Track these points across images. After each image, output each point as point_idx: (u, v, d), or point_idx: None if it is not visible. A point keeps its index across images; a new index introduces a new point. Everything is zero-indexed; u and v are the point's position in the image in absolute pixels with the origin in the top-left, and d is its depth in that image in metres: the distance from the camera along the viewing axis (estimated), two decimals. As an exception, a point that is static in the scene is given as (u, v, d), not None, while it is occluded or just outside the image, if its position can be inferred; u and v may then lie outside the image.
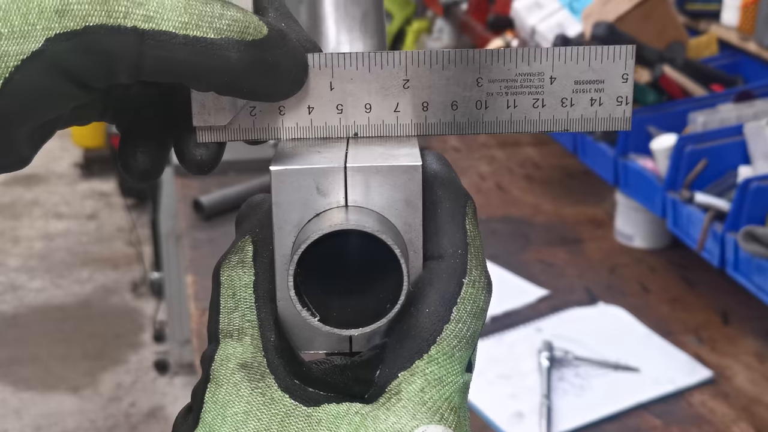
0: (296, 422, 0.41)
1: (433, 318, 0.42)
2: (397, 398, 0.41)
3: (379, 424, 0.40)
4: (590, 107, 0.45)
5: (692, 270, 1.72)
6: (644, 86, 1.72)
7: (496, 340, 1.50)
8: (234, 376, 0.43)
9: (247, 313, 0.43)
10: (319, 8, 0.52)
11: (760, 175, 1.43)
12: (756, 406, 1.36)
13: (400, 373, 0.41)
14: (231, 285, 0.44)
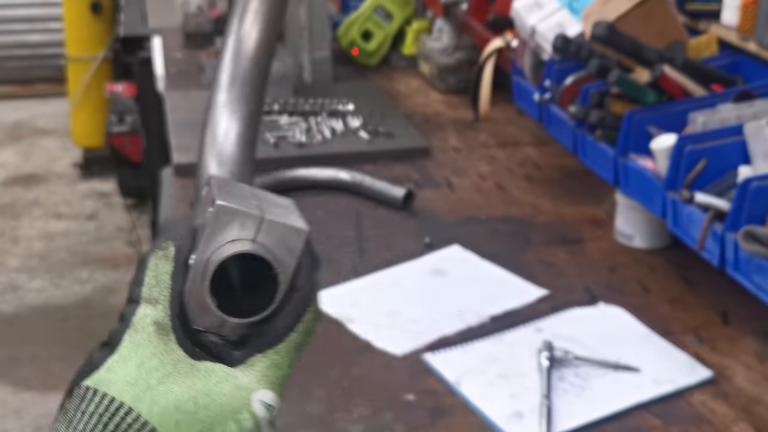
0: (183, 367, 0.62)
1: (286, 327, 0.67)
2: (251, 369, 0.65)
3: (236, 380, 0.63)
4: None
5: (692, 270, 1.72)
6: (644, 86, 1.72)
7: (496, 340, 1.50)
8: (148, 327, 0.63)
9: (163, 290, 0.64)
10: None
11: (760, 175, 1.43)
12: (756, 406, 1.36)
13: (256, 354, 0.65)
14: (155, 269, 0.65)
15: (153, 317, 0.63)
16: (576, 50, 1.75)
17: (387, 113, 2.53)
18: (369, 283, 1.69)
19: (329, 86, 2.79)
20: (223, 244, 0.64)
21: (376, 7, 3.07)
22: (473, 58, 2.79)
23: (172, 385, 0.62)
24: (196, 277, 0.64)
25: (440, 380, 1.41)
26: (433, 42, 2.91)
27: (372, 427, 1.31)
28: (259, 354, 0.66)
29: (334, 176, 2.11)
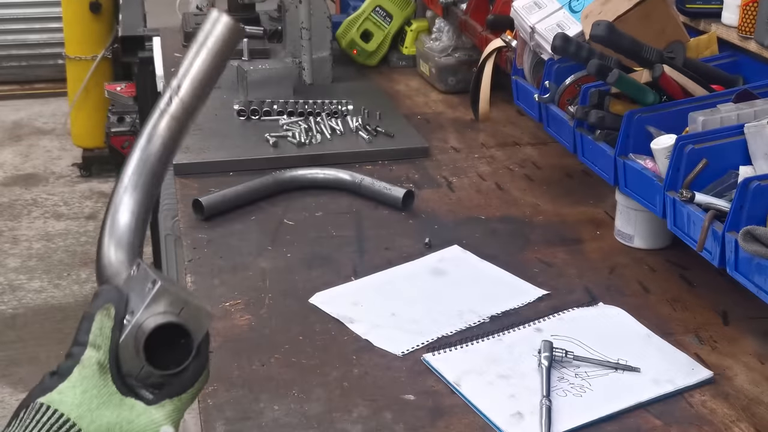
0: (115, 400, 0.83)
1: (190, 381, 0.87)
2: (162, 408, 0.85)
3: (151, 415, 0.84)
4: None
5: (692, 270, 1.72)
6: (644, 86, 1.71)
7: (495, 340, 1.50)
8: (93, 365, 0.84)
9: (105, 340, 0.85)
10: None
11: (760, 175, 1.43)
12: (756, 406, 1.36)
13: (168, 397, 0.86)
14: (100, 323, 0.85)
15: (97, 359, 0.85)
16: (576, 50, 1.75)
17: (387, 113, 2.53)
18: (369, 283, 1.69)
19: (329, 86, 2.79)
20: (156, 314, 0.86)
21: (376, 7, 3.07)
22: (473, 58, 2.79)
23: (106, 411, 0.84)
24: (131, 335, 0.86)
25: (440, 380, 1.41)
26: (433, 42, 2.91)
27: (372, 427, 1.31)
28: (168, 398, 0.87)
29: (334, 176, 2.11)
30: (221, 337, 1.52)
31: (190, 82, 1.03)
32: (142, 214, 0.97)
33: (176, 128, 1.02)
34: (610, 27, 1.67)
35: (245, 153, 2.26)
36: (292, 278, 1.71)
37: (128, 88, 4.26)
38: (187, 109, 1.03)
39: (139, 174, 0.98)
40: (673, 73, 1.73)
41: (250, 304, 1.62)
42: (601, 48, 1.74)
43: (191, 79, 1.03)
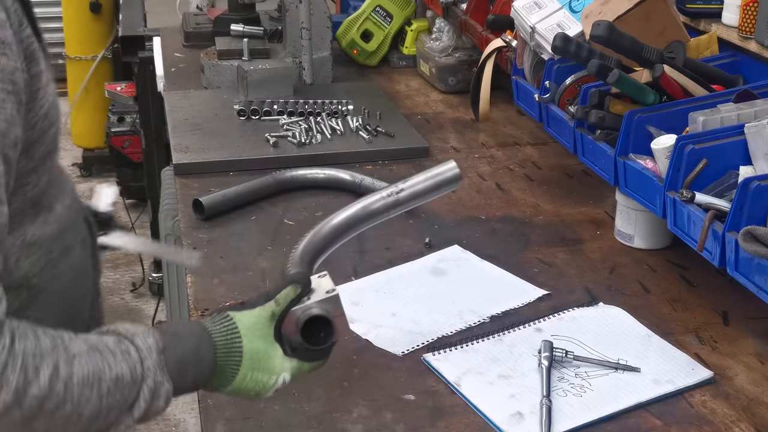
0: (268, 339, 1.15)
1: (315, 357, 1.19)
2: (290, 362, 1.16)
3: (282, 360, 1.15)
4: None
5: (692, 270, 1.72)
6: (644, 86, 1.71)
7: (496, 340, 1.50)
8: (269, 312, 1.16)
9: (285, 303, 1.16)
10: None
11: (760, 175, 1.43)
12: (757, 406, 1.36)
13: (297, 358, 1.17)
14: (288, 293, 1.17)
15: (273, 309, 1.16)
16: (576, 50, 1.75)
17: (387, 113, 2.53)
18: (369, 283, 1.69)
19: (329, 86, 2.79)
20: (322, 309, 1.17)
21: (376, 7, 3.07)
22: (473, 58, 2.79)
23: (260, 341, 1.14)
24: (300, 310, 1.16)
25: (440, 380, 1.41)
26: (433, 42, 2.91)
27: (372, 426, 1.31)
28: (297, 359, 1.17)
29: (335, 176, 2.11)
30: (221, 337, 1.52)
31: (409, 190, 1.39)
32: (328, 245, 1.34)
33: (380, 211, 1.37)
34: (610, 27, 1.67)
35: (245, 153, 2.26)
36: (293, 278, 1.70)
37: (128, 88, 4.25)
38: (396, 205, 1.38)
39: (343, 222, 1.35)
40: (674, 73, 1.73)
41: (250, 304, 1.61)
42: (601, 48, 1.74)
43: (411, 190, 1.39)
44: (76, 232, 1.19)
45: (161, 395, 1.05)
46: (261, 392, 1.15)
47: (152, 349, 1.05)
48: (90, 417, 0.99)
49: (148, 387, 1.03)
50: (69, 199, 1.18)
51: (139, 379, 1.03)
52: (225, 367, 1.11)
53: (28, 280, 1.09)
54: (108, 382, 1.00)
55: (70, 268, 1.16)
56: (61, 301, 1.15)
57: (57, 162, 1.14)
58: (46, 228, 1.11)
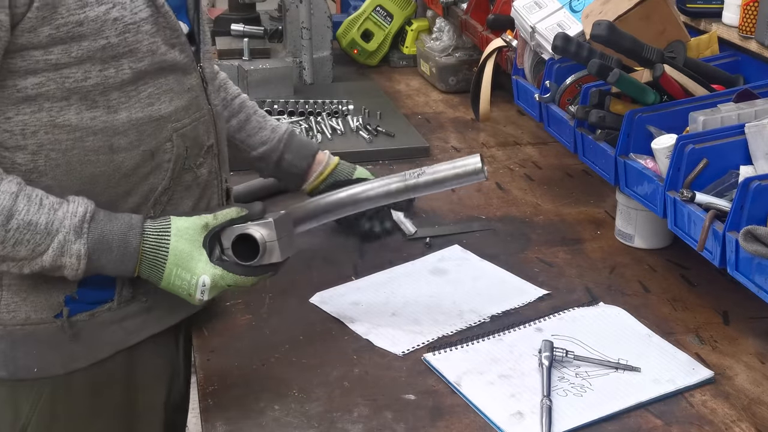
0: (195, 243, 1.33)
1: (237, 271, 1.35)
2: (213, 268, 1.33)
3: (205, 264, 1.33)
4: None
5: (693, 270, 1.72)
6: (644, 86, 1.71)
7: (496, 340, 1.50)
8: (203, 222, 1.34)
9: (223, 218, 1.36)
10: None
11: (761, 175, 1.43)
12: (757, 406, 1.36)
13: (221, 267, 1.34)
14: (231, 211, 1.37)
15: (208, 221, 1.33)
16: (576, 50, 1.75)
17: (387, 113, 2.53)
18: (369, 283, 1.69)
19: (330, 86, 2.79)
20: (256, 231, 1.33)
21: (377, 6, 3.07)
22: (473, 57, 2.79)
23: (187, 244, 1.31)
24: (238, 228, 1.34)
25: (441, 380, 1.41)
26: (434, 42, 2.91)
27: (372, 426, 1.31)
28: (221, 267, 1.32)
29: (335, 176, 2.10)
30: (221, 337, 1.52)
31: (429, 176, 1.43)
32: (341, 208, 1.51)
33: (399, 190, 1.46)
34: (610, 27, 1.67)
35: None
36: (293, 278, 1.71)
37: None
38: (415, 188, 1.46)
39: (361, 192, 1.48)
40: (674, 72, 1.73)
41: (250, 304, 1.62)
42: (601, 48, 1.74)
43: (431, 176, 1.43)
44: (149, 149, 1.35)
45: (72, 253, 1.26)
46: (189, 291, 1.32)
47: (77, 214, 1.27)
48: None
49: (58, 241, 1.25)
50: (148, 121, 1.33)
51: (54, 232, 1.25)
52: (154, 258, 1.31)
53: (46, 153, 1.28)
54: (19, 220, 1.23)
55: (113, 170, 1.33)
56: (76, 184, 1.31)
57: (146, 87, 1.32)
58: (92, 122, 1.28)
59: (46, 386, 1.39)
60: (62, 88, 1.24)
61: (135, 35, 1.27)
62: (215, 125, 1.47)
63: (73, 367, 1.39)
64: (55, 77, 1.23)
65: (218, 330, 1.54)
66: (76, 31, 1.21)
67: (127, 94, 1.29)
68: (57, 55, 1.22)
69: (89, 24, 1.22)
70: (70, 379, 1.39)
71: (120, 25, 1.25)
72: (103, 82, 1.26)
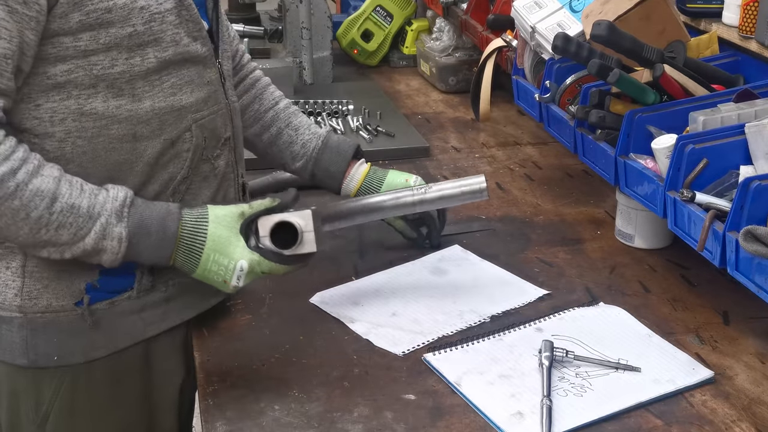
0: (233, 230, 1.36)
1: (274, 258, 1.37)
2: (250, 254, 1.36)
3: (242, 250, 1.36)
4: None
5: (693, 270, 1.72)
6: (644, 86, 1.71)
7: (496, 340, 1.50)
8: (240, 211, 1.37)
9: (259, 208, 1.38)
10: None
11: (761, 175, 1.43)
12: (757, 406, 1.36)
13: (258, 254, 1.37)
14: (265, 201, 1.39)
15: (244, 209, 1.36)
16: (576, 50, 1.75)
17: (387, 113, 2.53)
18: (369, 283, 1.69)
19: (330, 86, 2.79)
20: (293, 219, 1.36)
21: (377, 6, 3.07)
22: (473, 57, 2.79)
23: (225, 230, 1.34)
24: (275, 217, 1.36)
25: (441, 380, 1.41)
26: (434, 42, 2.91)
27: (372, 426, 1.31)
28: (258, 254, 1.35)
29: (335, 176, 2.11)
30: (221, 337, 1.52)
31: (435, 192, 1.56)
32: (352, 216, 1.63)
33: (407, 204, 1.61)
34: (610, 27, 1.67)
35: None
36: (293, 278, 1.70)
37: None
38: (422, 202, 1.60)
39: (374, 203, 1.63)
40: (674, 72, 1.73)
41: (250, 304, 1.62)
42: (601, 48, 1.74)
43: (437, 193, 1.57)
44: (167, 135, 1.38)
45: (113, 236, 1.29)
46: (224, 277, 1.34)
47: (117, 199, 1.30)
48: (38, 221, 1.24)
49: (100, 223, 1.28)
50: (169, 110, 1.36)
51: (96, 215, 1.28)
52: (191, 245, 1.33)
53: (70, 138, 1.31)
54: (62, 203, 1.25)
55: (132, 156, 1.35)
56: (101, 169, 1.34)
57: (170, 78, 1.36)
58: (117, 110, 1.31)
59: (66, 374, 1.41)
60: (90, 75, 1.28)
61: (160, 25, 1.31)
62: (232, 120, 1.51)
63: (92, 355, 1.41)
64: (83, 64, 1.27)
65: (218, 330, 1.54)
66: (104, 17, 1.25)
67: (151, 83, 1.33)
68: (86, 41, 1.26)
69: (117, 11, 1.26)
70: (90, 368, 1.42)
71: (146, 14, 1.29)
72: (129, 69, 1.30)
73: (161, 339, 1.48)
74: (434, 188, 1.56)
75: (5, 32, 1.20)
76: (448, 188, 1.57)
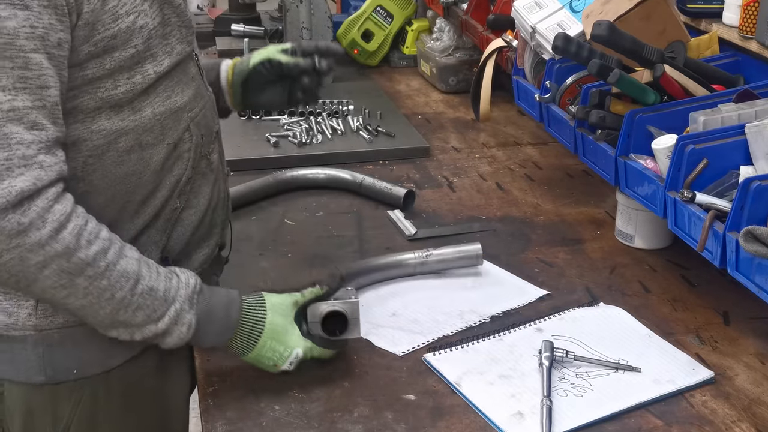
0: (288, 318, 1.40)
1: (324, 345, 1.43)
2: (304, 341, 1.40)
3: (297, 338, 1.40)
4: None
5: (693, 270, 1.72)
6: (645, 86, 1.71)
7: (496, 340, 1.50)
8: (294, 300, 1.41)
9: (310, 296, 1.42)
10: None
11: (761, 175, 1.43)
12: (757, 406, 1.36)
13: (311, 341, 1.41)
14: (314, 290, 1.43)
15: (297, 299, 1.41)
16: (576, 50, 1.74)
17: (387, 113, 2.53)
18: (370, 284, 1.69)
19: (330, 86, 2.79)
20: (343, 308, 1.41)
21: (377, 7, 3.07)
22: (474, 58, 2.79)
23: (281, 318, 1.38)
24: (325, 305, 1.42)
25: (441, 380, 1.41)
26: (434, 42, 2.91)
27: (373, 426, 1.31)
28: (310, 341, 1.40)
29: (335, 176, 2.11)
30: (222, 337, 1.52)
31: (436, 257, 1.71)
32: (362, 274, 1.68)
33: (410, 266, 1.71)
34: (611, 27, 1.67)
35: (246, 153, 2.26)
36: (293, 278, 1.71)
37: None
38: (423, 265, 1.70)
39: (381, 263, 1.71)
40: (674, 73, 1.73)
41: (250, 304, 1.61)
42: (602, 48, 1.74)
43: (438, 257, 1.71)
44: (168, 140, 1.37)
45: (184, 322, 1.30)
46: (277, 362, 1.38)
47: (189, 285, 1.32)
48: (120, 301, 1.25)
49: (175, 309, 1.29)
50: (168, 114, 1.36)
51: (171, 300, 1.29)
52: (249, 331, 1.36)
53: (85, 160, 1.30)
54: (144, 286, 1.27)
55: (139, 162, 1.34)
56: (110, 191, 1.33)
57: (167, 89, 1.35)
58: (122, 123, 1.30)
59: (86, 387, 1.39)
60: (95, 98, 1.27)
61: (155, 39, 1.30)
62: (215, 110, 1.52)
63: (110, 364, 1.40)
64: (88, 89, 1.26)
65: (218, 330, 1.54)
66: (110, 44, 1.25)
67: (147, 93, 1.33)
68: (92, 70, 1.25)
69: (121, 35, 1.26)
70: (107, 378, 1.40)
71: (145, 32, 1.29)
72: (132, 89, 1.29)
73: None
74: (435, 253, 1.70)
75: (51, 80, 1.19)
76: (447, 254, 1.71)
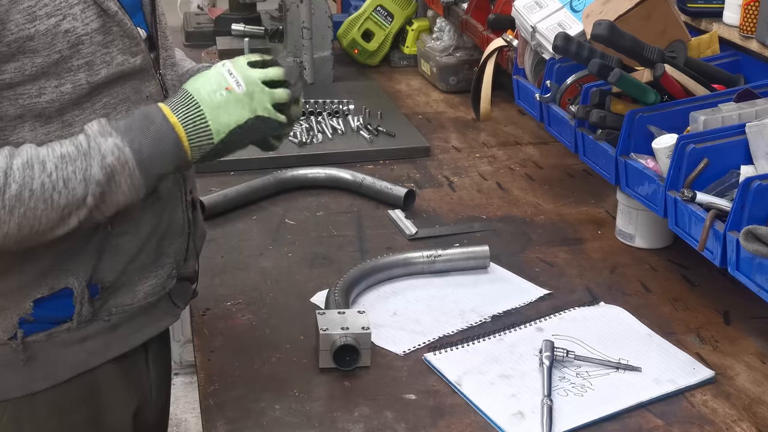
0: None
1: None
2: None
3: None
4: None
5: (694, 270, 1.72)
6: (645, 85, 1.71)
7: (497, 340, 1.50)
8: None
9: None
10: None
11: (761, 175, 1.43)
12: (758, 406, 1.36)
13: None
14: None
15: (226, 63, 1.34)
16: (577, 50, 1.74)
17: (388, 113, 2.53)
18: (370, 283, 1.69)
19: (330, 86, 2.79)
20: (352, 337, 1.42)
21: (377, 6, 3.07)
22: (474, 57, 2.79)
23: (203, 78, 1.28)
24: (336, 338, 1.43)
25: (441, 380, 1.41)
26: (434, 41, 2.91)
27: (373, 426, 1.31)
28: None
29: (336, 176, 2.11)
30: (222, 337, 1.52)
31: (444, 258, 1.71)
32: (369, 276, 1.68)
33: (419, 265, 1.72)
34: (611, 26, 1.67)
35: (246, 152, 2.24)
36: (294, 278, 1.71)
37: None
38: (432, 265, 1.71)
39: (388, 262, 1.71)
40: (675, 72, 1.73)
41: (251, 304, 1.62)
42: (602, 47, 1.74)
43: (446, 257, 1.71)
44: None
45: (109, 150, 1.18)
46: (232, 94, 1.27)
47: (93, 125, 1.19)
48: (43, 191, 1.15)
49: (93, 149, 1.17)
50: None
51: (85, 147, 1.17)
52: (186, 112, 1.23)
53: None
54: (54, 160, 1.15)
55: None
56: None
57: (101, 97, 1.25)
58: (47, 137, 1.21)
59: (6, 409, 1.32)
60: (15, 105, 1.18)
61: (89, 47, 1.21)
62: None
63: (32, 388, 1.32)
64: (8, 95, 1.18)
65: (218, 330, 1.54)
66: (27, 46, 1.16)
67: (81, 107, 1.23)
68: (10, 74, 1.17)
69: (40, 38, 1.16)
70: (32, 401, 1.33)
71: (72, 37, 1.18)
72: (59, 98, 1.20)
73: (107, 368, 1.37)
74: (443, 254, 1.71)
75: None
76: (455, 255, 1.72)
